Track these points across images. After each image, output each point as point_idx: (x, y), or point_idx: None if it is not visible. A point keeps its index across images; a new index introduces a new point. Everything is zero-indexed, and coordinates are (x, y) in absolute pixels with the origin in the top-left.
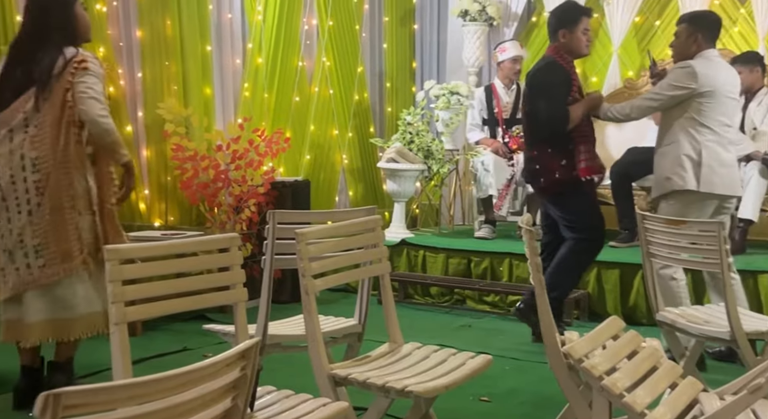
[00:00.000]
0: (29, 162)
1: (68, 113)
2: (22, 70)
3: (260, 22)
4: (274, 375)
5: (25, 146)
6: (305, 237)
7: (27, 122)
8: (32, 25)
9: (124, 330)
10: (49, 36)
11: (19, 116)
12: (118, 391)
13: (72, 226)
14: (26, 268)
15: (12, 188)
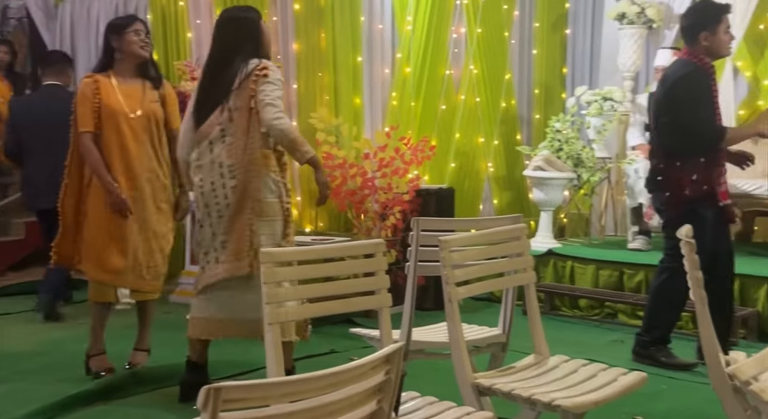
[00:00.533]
0: (226, 169)
1: (254, 119)
2: (216, 84)
3: (409, 32)
4: (417, 381)
5: (223, 154)
6: (449, 245)
7: (224, 132)
8: (223, 41)
9: (278, 330)
10: (239, 51)
11: (216, 128)
12: (273, 388)
13: (247, 228)
14: (215, 262)
15: (213, 194)
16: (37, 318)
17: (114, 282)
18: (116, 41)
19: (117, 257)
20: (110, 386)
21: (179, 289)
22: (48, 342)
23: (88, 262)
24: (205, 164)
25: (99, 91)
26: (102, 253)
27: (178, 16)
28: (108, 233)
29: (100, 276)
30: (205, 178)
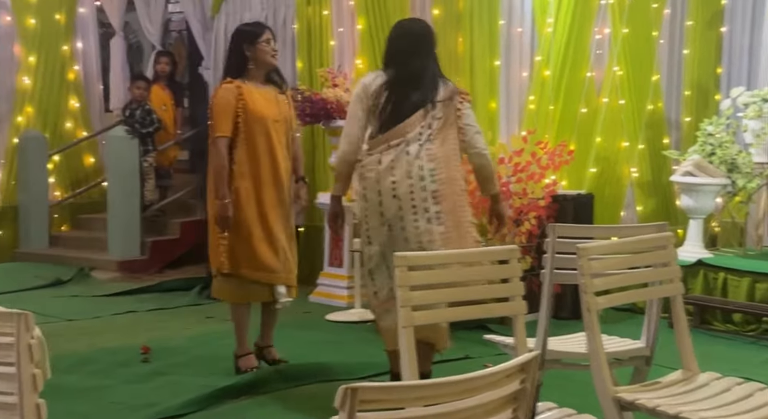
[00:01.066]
0: (428, 172)
1: (459, 136)
2: (417, 88)
3: (550, 34)
4: (553, 392)
5: (423, 157)
6: (587, 252)
7: (421, 135)
8: (422, 50)
9: (411, 333)
10: (429, 62)
11: (417, 129)
12: (408, 391)
13: (472, 239)
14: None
15: (410, 196)
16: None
17: (269, 280)
18: (249, 50)
19: (270, 256)
20: (255, 381)
21: (318, 290)
22: (199, 337)
23: (243, 263)
24: (401, 164)
25: (243, 97)
26: (256, 252)
27: (323, 25)
28: (260, 232)
29: (256, 275)
30: (402, 180)
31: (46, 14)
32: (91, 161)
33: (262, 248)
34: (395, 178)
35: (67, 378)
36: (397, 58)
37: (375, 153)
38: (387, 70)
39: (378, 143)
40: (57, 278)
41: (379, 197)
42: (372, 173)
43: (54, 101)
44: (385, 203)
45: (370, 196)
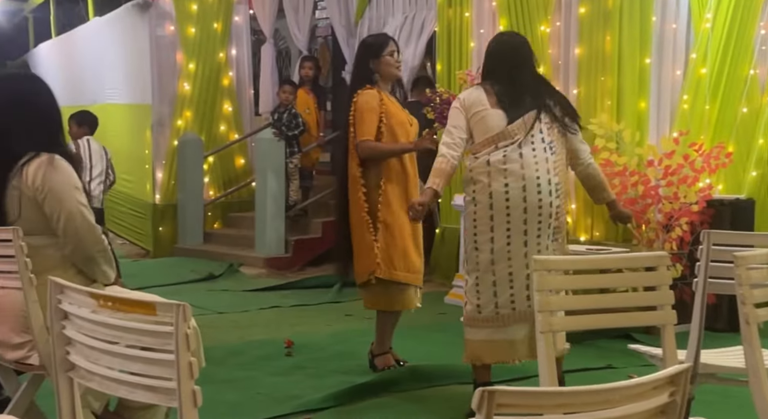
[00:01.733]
0: (554, 187)
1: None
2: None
3: (708, 30)
4: (707, 408)
5: (550, 170)
6: (746, 261)
7: (533, 141)
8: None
9: (550, 339)
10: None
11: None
12: (547, 397)
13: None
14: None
15: (537, 211)
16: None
17: (418, 282)
18: (374, 64)
19: (417, 258)
20: (392, 379)
21: (453, 291)
22: (339, 334)
23: (397, 266)
24: (515, 169)
25: (384, 102)
26: (408, 255)
27: (463, 27)
28: (410, 235)
29: (409, 278)
30: (515, 184)
31: (205, 23)
32: (241, 162)
33: (411, 251)
34: (508, 181)
35: (218, 367)
36: (499, 69)
37: (482, 155)
38: (488, 82)
39: (485, 145)
40: (210, 272)
41: (490, 199)
42: (483, 177)
43: (210, 106)
44: (496, 206)
45: (479, 198)
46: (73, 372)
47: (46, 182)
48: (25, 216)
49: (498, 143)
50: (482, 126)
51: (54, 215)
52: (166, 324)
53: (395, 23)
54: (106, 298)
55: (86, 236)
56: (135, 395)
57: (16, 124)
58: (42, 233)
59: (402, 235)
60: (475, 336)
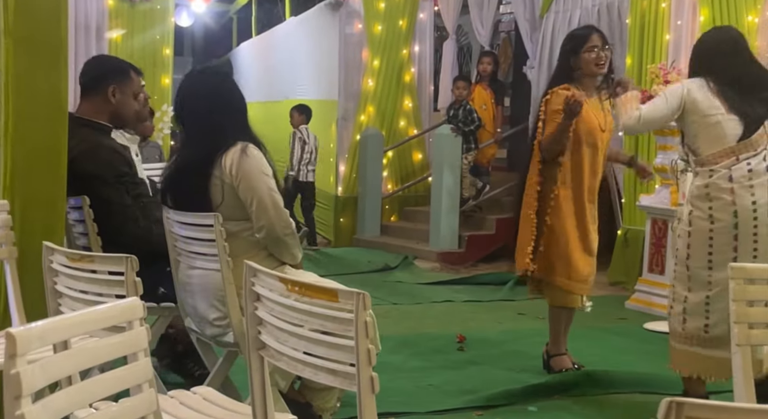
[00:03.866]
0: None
1: None
2: (757, 95)
3: None
4: None
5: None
6: None
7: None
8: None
9: (747, 353)
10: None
11: (764, 141)
12: (742, 413)
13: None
14: None
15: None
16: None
17: (581, 291)
18: (573, 60)
19: (588, 267)
20: (566, 382)
21: (635, 296)
22: (511, 332)
23: (557, 270)
24: (762, 183)
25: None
26: (577, 264)
27: (658, 18)
28: (577, 242)
29: (573, 287)
30: (762, 201)
31: (391, 20)
32: (419, 157)
33: (577, 257)
34: (755, 198)
35: (392, 357)
36: (718, 62)
37: (721, 168)
38: (708, 79)
39: (722, 156)
40: (386, 264)
41: (735, 218)
42: (725, 194)
43: (391, 101)
44: (741, 225)
45: (719, 216)
46: (264, 351)
47: (240, 168)
48: (227, 203)
49: (740, 154)
50: (715, 132)
51: (247, 199)
52: (348, 311)
53: (584, 15)
54: (294, 283)
55: (276, 219)
56: (318, 377)
57: (220, 118)
58: (240, 219)
59: (567, 242)
60: (683, 347)
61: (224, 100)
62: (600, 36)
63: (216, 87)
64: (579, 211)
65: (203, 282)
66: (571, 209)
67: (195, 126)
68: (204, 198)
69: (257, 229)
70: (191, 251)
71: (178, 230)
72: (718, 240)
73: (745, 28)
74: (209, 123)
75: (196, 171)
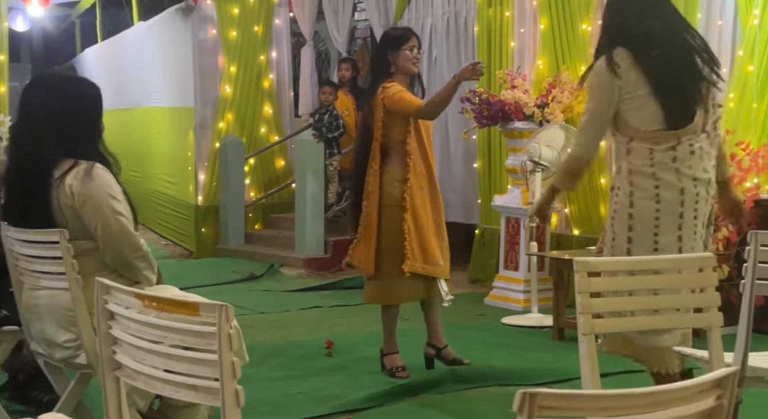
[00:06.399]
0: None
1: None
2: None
3: (755, 26)
4: (755, 411)
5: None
6: None
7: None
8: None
9: (592, 341)
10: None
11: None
12: (589, 400)
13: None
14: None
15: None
16: None
17: (437, 273)
18: (392, 56)
19: (438, 249)
20: (431, 381)
21: (493, 292)
22: (379, 334)
23: (419, 258)
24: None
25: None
26: (429, 246)
27: (503, 26)
28: (431, 225)
29: (428, 269)
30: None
31: (246, 26)
32: (281, 164)
33: (433, 242)
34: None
35: (259, 367)
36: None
37: (664, 149)
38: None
39: (666, 139)
40: (251, 273)
41: (681, 195)
42: (669, 173)
43: (251, 108)
44: (687, 203)
45: (664, 195)
46: (120, 371)
47: (83, 192)
48: (72, 225)
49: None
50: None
51: (92, 224)
52: (209, 324)
53: (435, 23)
54: (150, 298)
55: (123, 243)
56: (179, 394)
57: (64, 131)
58: (87, 238)
59: (423, 227)
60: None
61: (70, 110)
62: (417, 38)
63: (63, 95)
64: (430, 195)
65: (51, 303)
66: (423, 194)
67: (34, 139)
68: (45, 218)
69: (103, 253)
70: (35, 270)
71: (20, 249)
72: (666, 220)
73: (580, 37)
74: (52, 136)
75: (35, 191)
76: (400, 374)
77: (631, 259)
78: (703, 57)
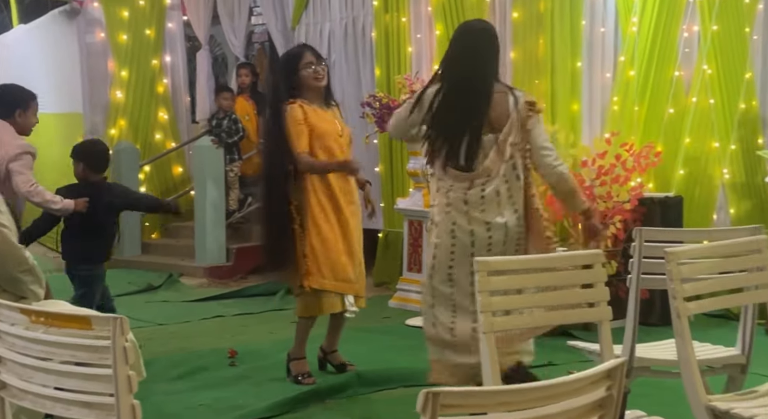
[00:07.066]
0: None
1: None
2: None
3: (635, 33)
4: (643, 400)
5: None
6: (677, 257)
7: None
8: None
9: (492, 339)
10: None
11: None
12: (489, 396)
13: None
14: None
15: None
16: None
17: (346, 290)
18: (292, 78)
19: (350, 267)
20: (337, 385)
21: (397, 295)
22: (284, 341)
23: (327, 275)
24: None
25: (307, 115)
26: (338, 264)
27: (400, 32)
28: (341, 244)
29: (339, 287)
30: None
31: (137, 29)
32: (179, 171)
33: (343, 260)
34: (488, 218)
35: (159, 380)
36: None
37: (458, 190)
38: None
39: (461, 180)
40: (149, 283)
41: (472, 237)
42: (460, 215)
43: (144, 114)
44: (477, 245)
45: (458, 235)
46: (5, 392)
47: None
48: None
49: (475, 179)
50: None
51: None
52: (103, 338)
53: (333, 28)
54: (38, 314)
55: (6, 256)
56: (71, 412)
57: None
58: None
59: (330, 247)
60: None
61: None
62: (313, 53)
63: None
64: (338, 213)
65: None
66: (330, 213)
67: None
68: None
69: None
70: None
71: None
72: (459, 255)
73: None
74: None
75: None
76: (305, 380)
77: (525, 257)
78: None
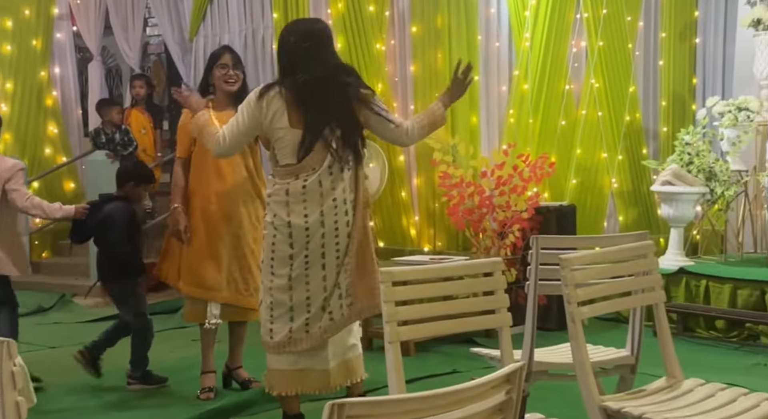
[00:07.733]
0: (350, 206)
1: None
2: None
3: (527, 48)
4: (541, 403)
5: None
6: (570, 263)
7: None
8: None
9: (398, 349)
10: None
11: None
12: (395, 405)
13: (373, 262)
14: (340, 309)
15: (334, 233)
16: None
17: (207, 297)
18: (210, 75)
19: (212, 274)
20: (242, 403)
21: None
22: (186, 359)
23: (184, 279)
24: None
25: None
26: (198, 270)
27: None
28: (205, 249)
29: (196, 292)
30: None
31: (23, 40)
32: (71, 187)
33: (204, 264)
34: (307, 213)
35: (51, 405)
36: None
37: (282, 183)
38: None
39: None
40: (39, 305)
41: (289, 229)
42: (281, 207)
43: (32, 127)
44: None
45: (279, 227)
46: None
47: None
48: None
49: (299, 173)
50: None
51: None
52: None
53: (232, 39)
54: None
55: None
56: None
57: None
58: None
59: (194, 249)
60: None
61: None
62: (233, 56)
63: None
64: (208, 218)
65: None
66: (199, 217)
67: None
68: None
69: None
70: None
71: None
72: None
73: (375, 55)
74: None
75: None
76: (201, 395)
77: (427, 267)
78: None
